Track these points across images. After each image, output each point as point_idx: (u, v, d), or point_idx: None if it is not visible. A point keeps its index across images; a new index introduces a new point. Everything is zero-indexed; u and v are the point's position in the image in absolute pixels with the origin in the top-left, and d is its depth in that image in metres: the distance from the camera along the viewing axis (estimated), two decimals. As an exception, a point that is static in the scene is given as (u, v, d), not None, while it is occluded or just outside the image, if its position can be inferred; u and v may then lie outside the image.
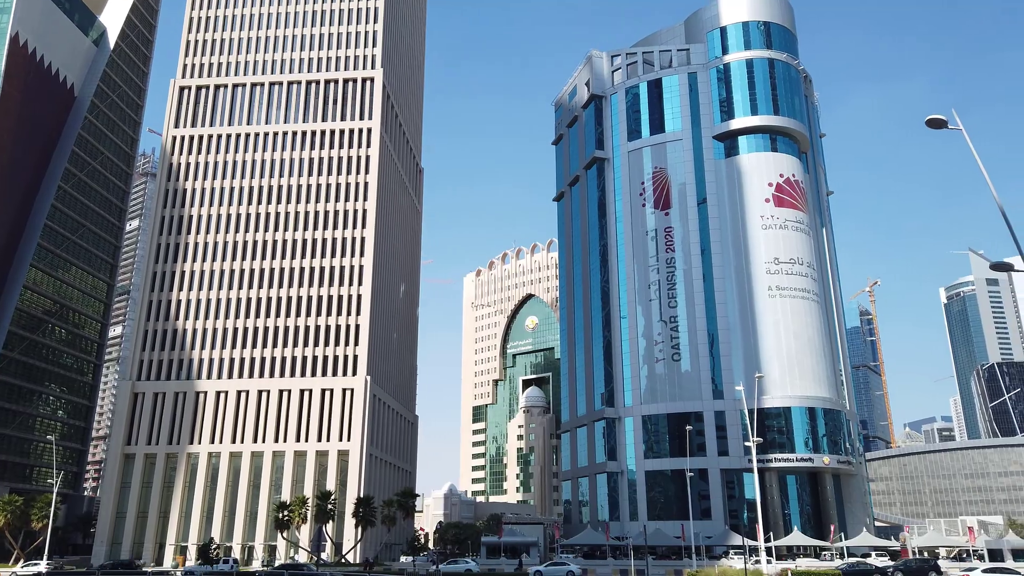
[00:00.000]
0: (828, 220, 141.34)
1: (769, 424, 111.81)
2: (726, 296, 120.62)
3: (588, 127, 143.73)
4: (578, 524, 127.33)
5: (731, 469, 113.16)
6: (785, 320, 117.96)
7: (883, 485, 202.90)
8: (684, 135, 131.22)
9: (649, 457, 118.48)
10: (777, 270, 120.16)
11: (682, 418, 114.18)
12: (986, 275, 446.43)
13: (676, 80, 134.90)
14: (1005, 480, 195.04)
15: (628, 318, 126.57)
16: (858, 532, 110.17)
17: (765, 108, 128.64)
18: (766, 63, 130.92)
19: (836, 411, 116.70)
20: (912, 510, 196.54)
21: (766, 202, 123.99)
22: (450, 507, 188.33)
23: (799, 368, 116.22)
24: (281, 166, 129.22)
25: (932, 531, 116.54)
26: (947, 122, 29.34)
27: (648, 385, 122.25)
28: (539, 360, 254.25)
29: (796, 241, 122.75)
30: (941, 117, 29.30)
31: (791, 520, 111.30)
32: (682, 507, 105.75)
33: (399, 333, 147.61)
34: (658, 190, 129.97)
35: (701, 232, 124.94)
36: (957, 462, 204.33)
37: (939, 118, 29.29)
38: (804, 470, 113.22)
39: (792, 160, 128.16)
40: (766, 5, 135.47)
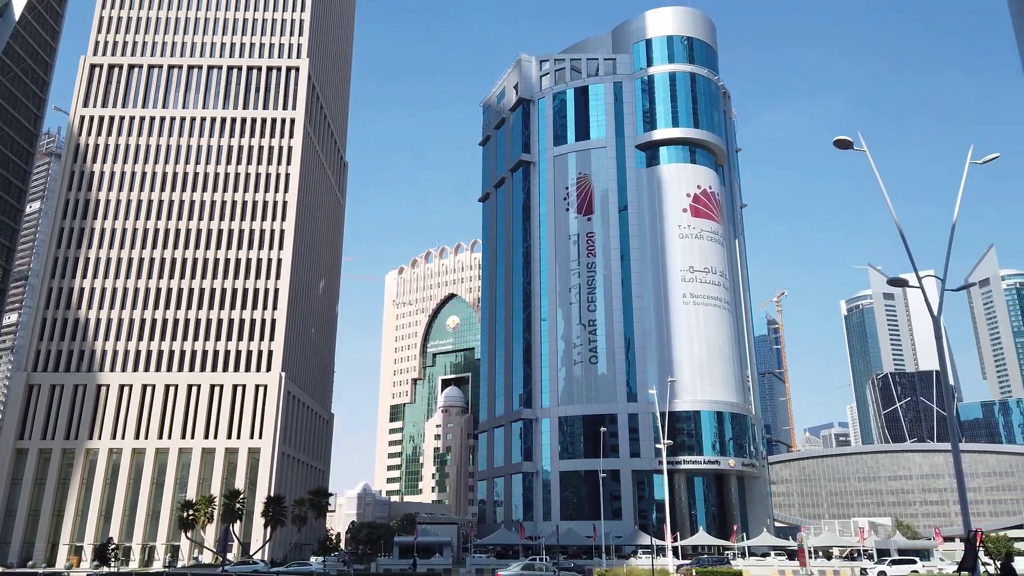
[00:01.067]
0: (741, 232, 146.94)
1: (680, 427, 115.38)
2: (643, 302, 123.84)
3: (515, 130, 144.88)
4: (492, 524, 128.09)
5: (642, 470, 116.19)
6: (698, 327, 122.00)
7: (783, 487, 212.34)
8: (608, 143, 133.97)
9: (564, 458, 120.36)
10: (692, 278, 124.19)
11: (597, 420, 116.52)
12: (883, 290, 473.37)
13: (602, 89, 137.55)
14: (894, 484, 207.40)
15: (548, 320, 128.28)
16: (759, 532, 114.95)
17: (686, 121, 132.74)
18: (688, 77, 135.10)
19: (742, 416, 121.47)
20: (809, 511, 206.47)
21: (684, 212, 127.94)
22: (364, 507, 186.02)
23: (709, 373, 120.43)
24: (198, 153, 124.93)
25: (827, 531, 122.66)
26: (853, 143, 31.06)
27: (566, 387, 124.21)
28: (459, 360, 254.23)
29: (711, 251, 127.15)
30: (847, 139, 30.81)
31: (697, 520, 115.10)
32: (594, 507, 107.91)
33: (317, 329, 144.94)
34: (582, 195, 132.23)
35: (622, 238, 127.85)
36: (852, 466, 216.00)
37: (846, 139, 30.80)
38: (711, 472, 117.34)
39: (709, 172, 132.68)
40: (690, 21, 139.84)
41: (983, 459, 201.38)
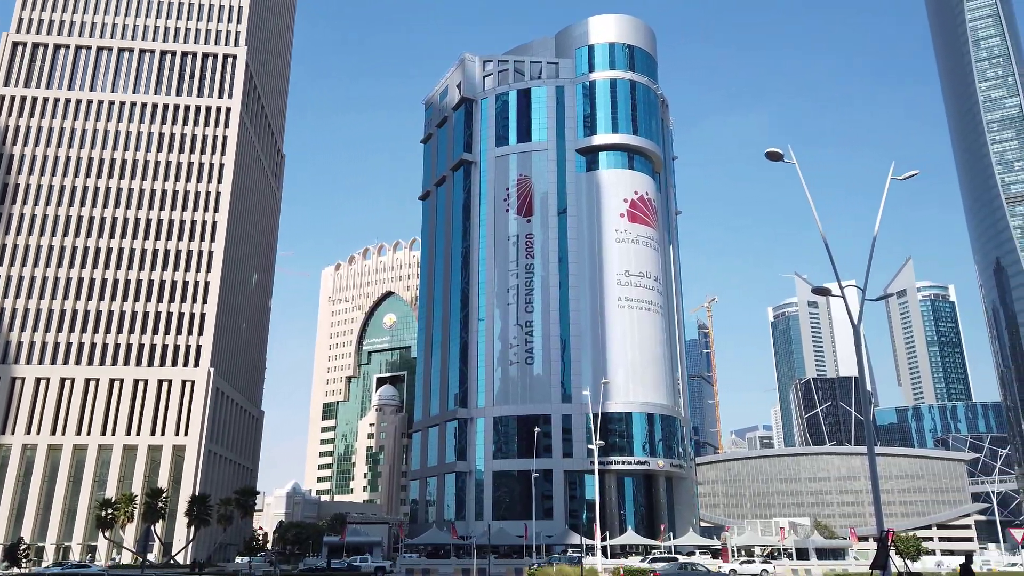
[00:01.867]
0: (675, 238, 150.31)
1: (612, 428, 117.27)
2: (580, 304, 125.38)
3: (457, 129, 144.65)
4: (424, 524, 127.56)
5: (574, 470, 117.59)
6: (632, 330, 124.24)
7: (709, 488, 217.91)
8: (549, 146, 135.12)
9: (498, 458, 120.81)
10: (627, 282, 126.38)
11: (531, 420, 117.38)
12: (808, 298, 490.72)
13: (544, 92, 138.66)
14: (814, 485, 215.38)
15: (486, 320, 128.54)
16: (685, 532, 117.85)
17: (625, 127, 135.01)
18: (628, 84, 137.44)
19: (672, 418, 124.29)
20: (734, 511, 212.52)
21: (621, 217, 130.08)
22: (293, 506, 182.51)
23: (642, 376, 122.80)
24: (127, 139, 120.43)
25: (750, 531, 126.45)
26: (783, 156, 32.13)
27: (501, 387, 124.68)
28: (395, 358, 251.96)
29: (646, 256, 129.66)
30: (778, 151, 31.90)
31: (626, 520, 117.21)
32: (526, 507, 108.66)
33: (249, 324, 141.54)
34: (522, 197, 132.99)
35: (560, 241, 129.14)
36: (774, 468, 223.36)
37: (776, 152, 31.67)
38: (640, 472, 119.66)
39: (647, 179, 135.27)
40: (631, 30, 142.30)
41: (896, 462, 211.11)
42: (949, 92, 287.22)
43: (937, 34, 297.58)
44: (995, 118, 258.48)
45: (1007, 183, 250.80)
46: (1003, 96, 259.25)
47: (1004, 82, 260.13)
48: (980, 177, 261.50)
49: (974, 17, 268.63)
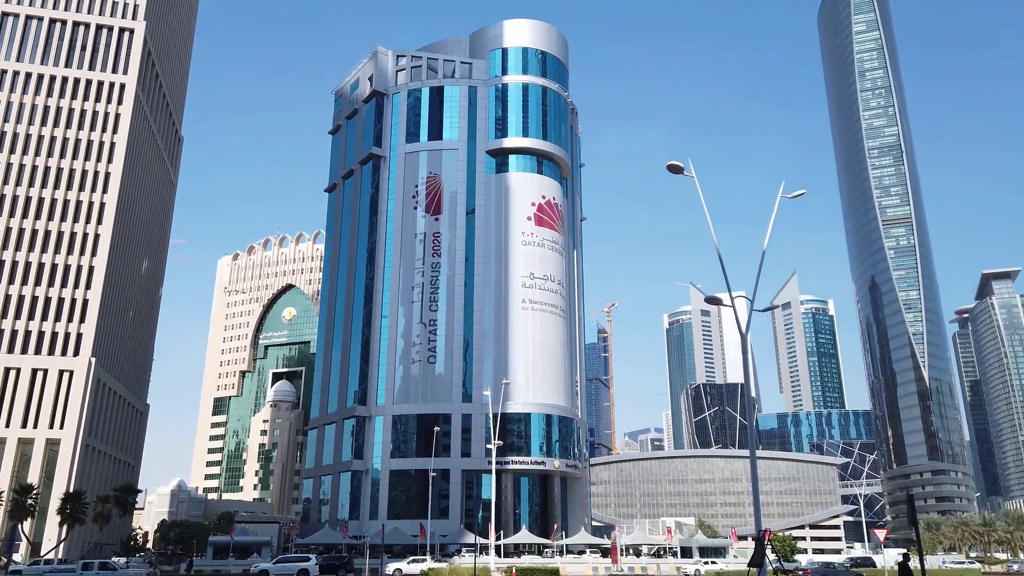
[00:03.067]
0: (580, 243, 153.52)
1: (511, 428, 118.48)
2: (484, 304, 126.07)
3: (368, 122, 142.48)
4: (316, 523, 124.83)
5: (472, 470, 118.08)
6: (534, 332, 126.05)
7: (602, 488, 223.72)
8: (460, 145, 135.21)
9: (396, 456, 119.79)
10: (532, 284, 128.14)
11: (431, 419, 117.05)
12: (701, 306, 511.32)
13: (457, 91, 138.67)
14: (700, 486, 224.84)
15: (389, 318, 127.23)
16: (577, 531, 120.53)
17: (535, 132, 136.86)
18: (540, 90, 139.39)
19: (569, 419, 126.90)
20: (624, 511, 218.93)
21: (528, 220, 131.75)
22: (177, 504, 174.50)
23: (542, 377, 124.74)
24: (7, 110, 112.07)
25: (638, 530, 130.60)
26: (683, 169, 33.36)
27: (402, 385, 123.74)
28: (293, 353, 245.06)
29: (551, 259, 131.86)
30: (679, 164, 33.04)
31: (521, 519, 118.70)
32: (423, 506, 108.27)
33: (136, 313, 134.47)
34: (431, 195, 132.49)
35: (467, 241, 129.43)
36: (663, 469, 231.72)
37: (677, 165, 32.68)
38: (537, 472, 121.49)
39: (554, 184, 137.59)
40: (545, 36, 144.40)
41: (775, 465, 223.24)
42: (836, 118, 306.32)
43: (828, 63, 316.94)
44: (876, 145, 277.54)
45: (884, 206, 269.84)
46: (884, 125, 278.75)
47: (885, 112, 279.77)
48: (860, 200, 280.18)
49: (861, 49, 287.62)
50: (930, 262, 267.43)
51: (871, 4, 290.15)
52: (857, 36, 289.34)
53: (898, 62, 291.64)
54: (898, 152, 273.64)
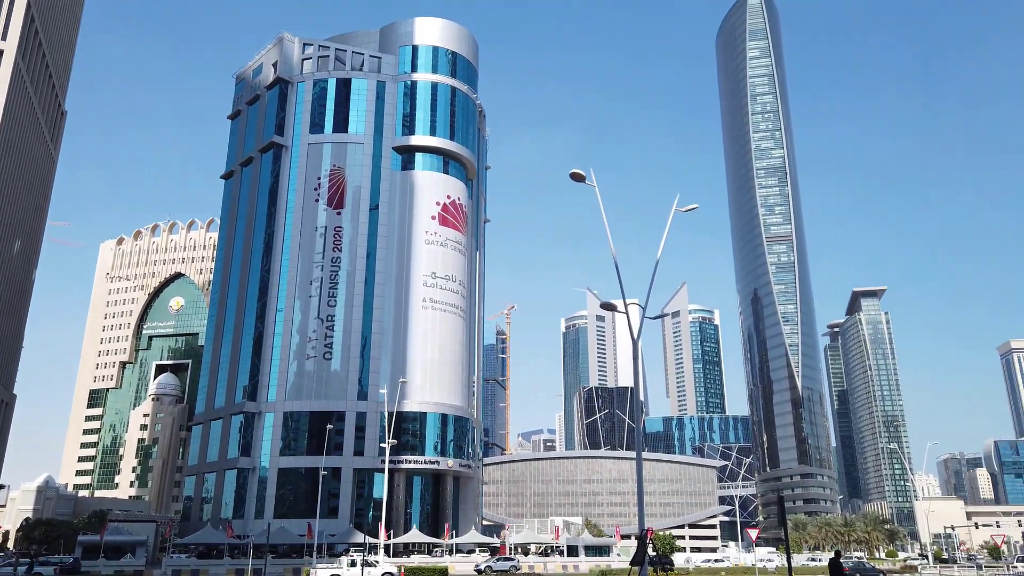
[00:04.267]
0: (483, 245, 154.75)
1: (406, 427, 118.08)
2: (384, 302, 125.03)
3: (270, 109, 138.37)
4: (198, 522, 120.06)
5: (364, 469, 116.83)
6: (433, 331, 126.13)
7: (494, 487, 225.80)
8: (366, 140, 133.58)
9: (285, 454, 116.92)
10: (433, 284, 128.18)
11: (325, 416, 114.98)
12: (597, 312, 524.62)
13: (365, 84, 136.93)
14: (588, 486, 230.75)
15: (285, 311, 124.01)
16: (468, 530, 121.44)
17: (443, 131, 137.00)
18: (449, 90, 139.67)
19: (465, 419, 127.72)
20: (515, 511, 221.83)
21: (432, 219, 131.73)
22: (44, 502, 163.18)
23: (439, 377, 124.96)
24: None
25: (527, 529, 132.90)
26: (585, 178, 34.51)
27: (296, 381, 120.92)
28: (180, 345, 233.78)
29: (453, 260, 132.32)
30: (581, 173, 33.76)
31: (412, 519, 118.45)
32: (311, 505, 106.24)
33: (6, 296, 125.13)
34: (333, 188, 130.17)
35: (370, 237, 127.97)
36: (554, 469, 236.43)
37: (580, 173, 33.37)
38: (430, 472, 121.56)
39: (460, 184, 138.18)
40: (456, 37, 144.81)
41: (659, 467, 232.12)
42: (728, 138, 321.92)
43: (723, 83, 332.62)
44: (763, 166, 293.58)
45: (768, 224, 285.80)
46: (771, 147, 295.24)
47: (773, 135, 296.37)
48: (747, 216, 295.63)
49: (754, 75, 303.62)
50: (807, 278, 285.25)
51: (765, 32, 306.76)
52: (751, 61, 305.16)
53: (787, 89, 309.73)
54: (783, 174, 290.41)
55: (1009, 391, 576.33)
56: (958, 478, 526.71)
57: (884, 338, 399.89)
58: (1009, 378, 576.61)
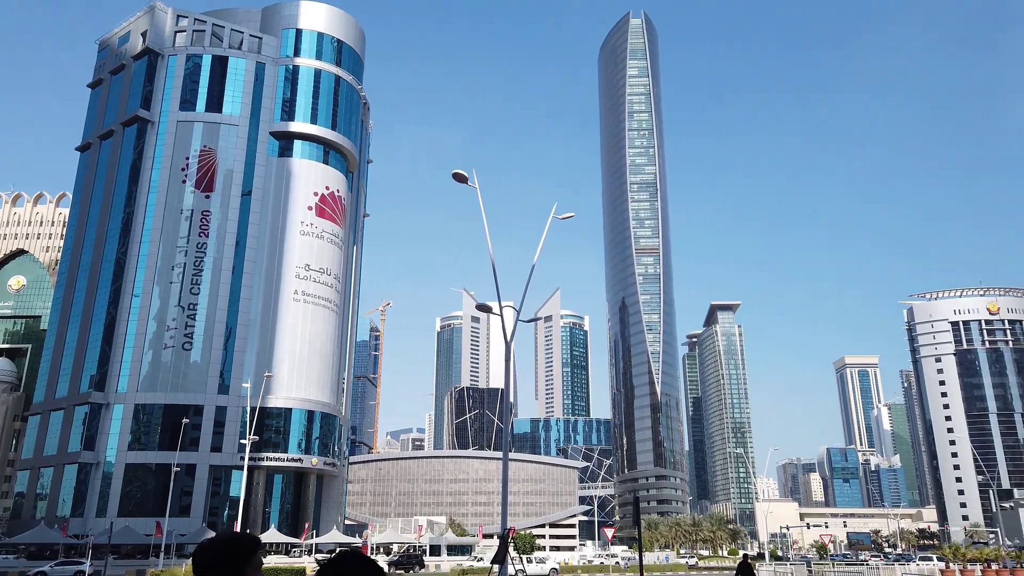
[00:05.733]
0: (360, 239, 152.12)
1: (269, 423, 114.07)
2: (253, 292, 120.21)
3: (136, 81, 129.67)
4: (30, 520, 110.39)
5: (221, 466, 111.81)
6: (304, 325, 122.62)
7: (359, 487, 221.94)
8: (242, 122, 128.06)
9: (135, 449, 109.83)
10: (307, 276, 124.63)
11: (181, 410, 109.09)
12: (472, 313, 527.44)
13: (244, 65, 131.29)
14: (454, 486, 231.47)
15: (142, 297, 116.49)
16: (330, 530, 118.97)
17: (324, 120, 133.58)
18: (333, 78, 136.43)
19: (332, 416, 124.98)
20: (379, 510, 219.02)
21: (309, 209, 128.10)
22: None
23: (307, 372, 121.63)
24: None
25: (391, 529, 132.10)
26: (468, 179, 34.82)
27: (150, 372, 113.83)
28: (19, 328, 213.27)
29: (329, 253, 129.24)
30: (464, 174, 33.92)
31: (271, 518, 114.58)
32: (162, 503, 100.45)
33: None
34: (203, 170, 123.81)
35: (240, 224, 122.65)
36: (421, 468, 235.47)
37: (462, 174, 33.62)
38: (292, 470, 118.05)
39: (340, 176, 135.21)
40: (343, 25, 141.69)
41: (524, 467, 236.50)
42: (606, 151, 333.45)
43: (603, 98, 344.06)
44: (636, 180, 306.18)
45: (638, 236, 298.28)
46: (644, 163, 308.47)
47: (646, 152, 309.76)
48: (619, 228, 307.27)
49: (632, 93, 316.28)
50: (671, 289, 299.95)
51: (644, 53, 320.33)
52: (630, 80, 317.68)
53: (662, 108, 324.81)
54: (654, 189, 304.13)
55: (842, 403, 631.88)
56: (795, 482, 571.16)
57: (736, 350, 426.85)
58: (842, 391, 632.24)
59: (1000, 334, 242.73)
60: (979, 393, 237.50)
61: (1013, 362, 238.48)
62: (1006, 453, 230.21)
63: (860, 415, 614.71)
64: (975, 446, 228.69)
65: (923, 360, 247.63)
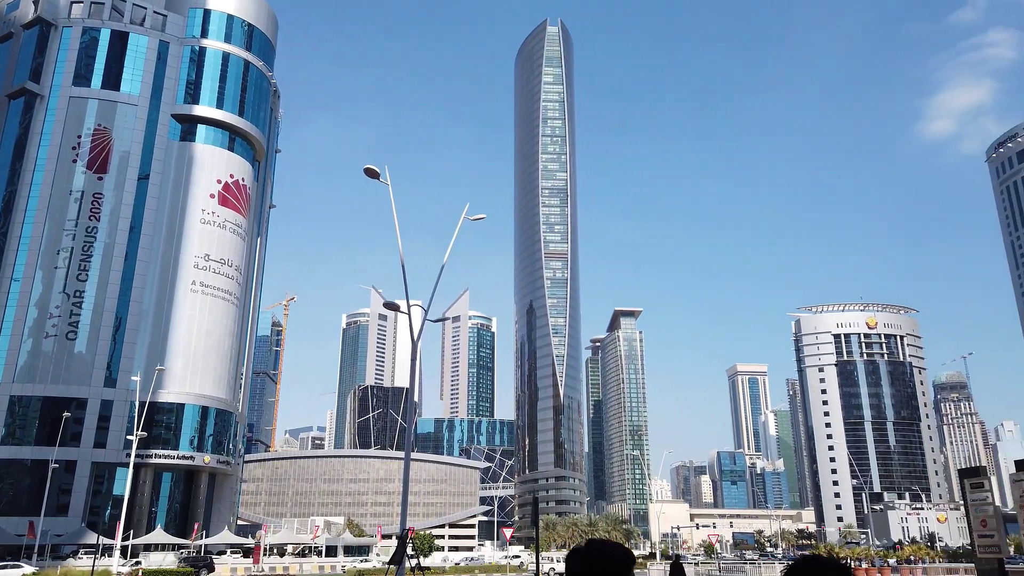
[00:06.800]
0: (265, 231, 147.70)
1: (160, 419, 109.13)
2: (147, 281, 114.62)
3: (26, 51, 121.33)
4: None
5: (105, 463, 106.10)
6: (202, 317, 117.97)
7: (254, 486, 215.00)
8: (141, 102, 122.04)
9: (8, 443, 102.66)
10: (206, 267, 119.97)
11: (63, 403, 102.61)
12: (380, 311, 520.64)
13: (146, 42, 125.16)
14: (354, 486, 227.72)
15: (23, 282, 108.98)
16: (221, 530, 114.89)
17: (232, 106, 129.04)
18: (242, 63, 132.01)
19: (229, 413, 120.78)
20: (275, 510, 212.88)
21: (211, 197, 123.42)
22: None
23: (203, 366, 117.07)
24: None
25: (286, 529, 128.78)
26: (380, 175, 34.37)
27: (29, 362, 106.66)
28: None
29: (231, 243, 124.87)
30: (376, 169, 32.64)
31: (157, 518, 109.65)
32: (36, 501, 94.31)
33: None
34: (96, 150, 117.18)
35: (136, 208, 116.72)
36: (320, 468, 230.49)
37: (374, 169, 32.33)
38: (183, 468, 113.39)
39: (246, 164, 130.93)
40: (254, 9, 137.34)
41: (426, 467, 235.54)
42: (520, 155, 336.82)
43: (519, 103, 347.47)
44: (548, 186, 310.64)
45: (548, 241, 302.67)
46: (556, 169, 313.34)
47: (559, 158, 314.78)
48: (530, 232, 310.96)
49: (547, 99, 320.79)
50: (577, 294, 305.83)
51: (560, 61, 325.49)
52: (545, 87, 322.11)
53: (575, 115, 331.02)
54: (565, 195, 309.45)
55: (732, 409, 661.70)
56: (687, 483, 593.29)
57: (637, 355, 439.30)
58: (733, 397, 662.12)
59: (877, 347, 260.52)
60: (856, 402, 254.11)
61: (887, 374, 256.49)
62: (878, 459, 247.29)
63: (749, 421, 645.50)
64: (851, 452, 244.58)
65: (807, 370, 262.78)
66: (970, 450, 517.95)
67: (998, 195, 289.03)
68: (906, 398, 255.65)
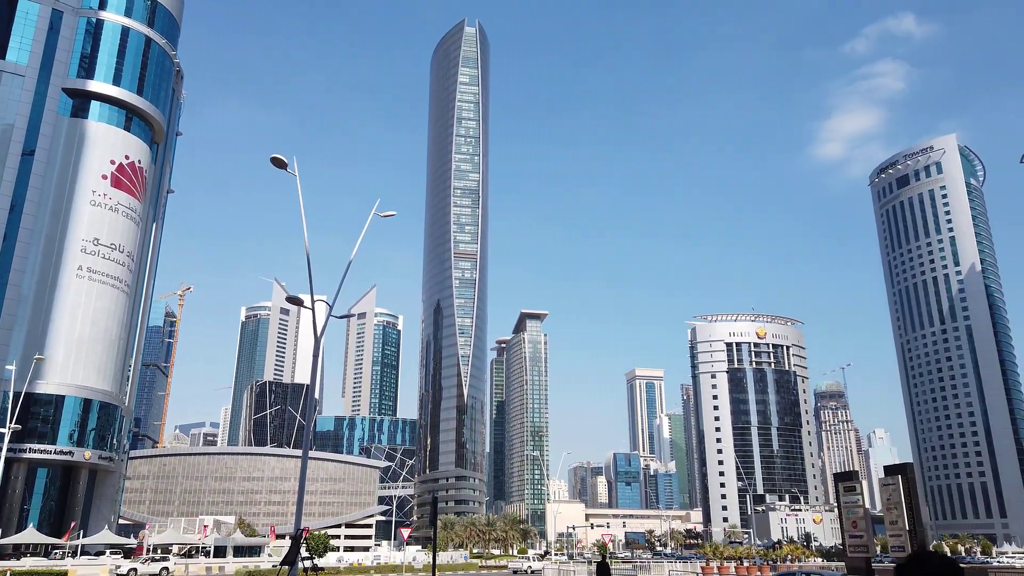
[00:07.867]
0: (162, 216, 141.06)
1: (36, 411, 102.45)
2: (27, 264, 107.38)
3: None
4: None
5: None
6: (88, 305, 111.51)
7: (139, 483, 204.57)
8: (30, 73, 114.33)
9: None
10: (95, 251, 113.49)
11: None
12: (282, 304, 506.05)
13: (37, 10, 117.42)
14: (247, 484, 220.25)
15: None
16: (100, 529, 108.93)
17: (129, 84, 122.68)
18: (143, 39, 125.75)
19: (114, 406, 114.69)
20: (160, 508, 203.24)
21: (103, 178, 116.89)
22: None
23: (88, 357, 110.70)
24: None
25: (172, 529, 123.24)
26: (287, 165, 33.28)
27: None
28: None
29: (123, 228, 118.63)
30: (283, 159, 30.92)
31: (29, 516, 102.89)
32: None
33: None
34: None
35: (19, 186, 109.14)
36: (211, 465, 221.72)
37: (282, 159, 30.92)
38: (61, 463, 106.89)
39: (143, 146, 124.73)
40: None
41: (324, 466, 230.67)
42: (432, 154, 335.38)
43: (433, 101, 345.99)
44: (460, 186, 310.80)
45: (458, 241, 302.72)
46: (469, 170, 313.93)
47: (471, 159, 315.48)
48: (440, 231, 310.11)
49: (462, 100, 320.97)
50: (485, 295, 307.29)
51: (476, 62, 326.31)
52: (461, 87, 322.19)
53: (489, 116, 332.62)
54: (476, 196, 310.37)
55: (630, 412, 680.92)
56: (584, 484, 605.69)
57: (541, 357, 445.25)
58: (631, 401, 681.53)
59: (765, 356, 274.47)
60: (744, 408, 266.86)
61: (774, 382, 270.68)
62: (762, 462, 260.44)
63: (645, 424, 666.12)
64: (738, 455, 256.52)
65: (701, 376, 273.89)
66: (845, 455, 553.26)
67: (878, 217, 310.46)
68: (790, 405, 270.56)
